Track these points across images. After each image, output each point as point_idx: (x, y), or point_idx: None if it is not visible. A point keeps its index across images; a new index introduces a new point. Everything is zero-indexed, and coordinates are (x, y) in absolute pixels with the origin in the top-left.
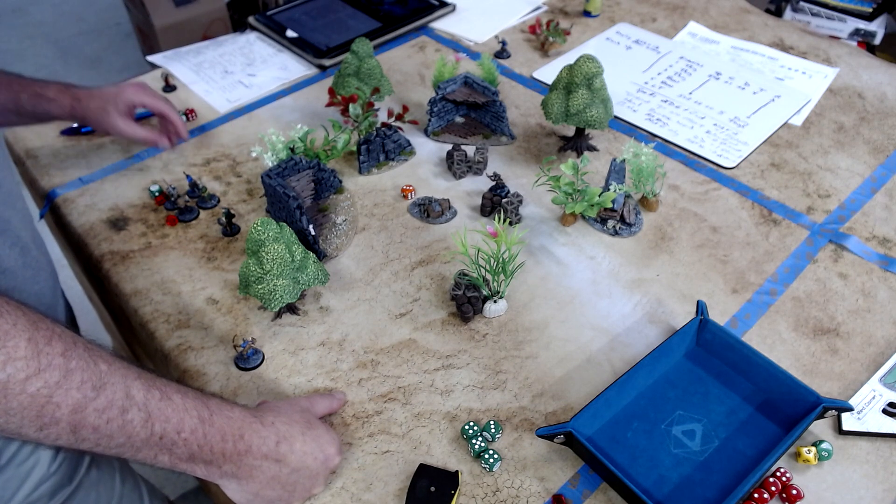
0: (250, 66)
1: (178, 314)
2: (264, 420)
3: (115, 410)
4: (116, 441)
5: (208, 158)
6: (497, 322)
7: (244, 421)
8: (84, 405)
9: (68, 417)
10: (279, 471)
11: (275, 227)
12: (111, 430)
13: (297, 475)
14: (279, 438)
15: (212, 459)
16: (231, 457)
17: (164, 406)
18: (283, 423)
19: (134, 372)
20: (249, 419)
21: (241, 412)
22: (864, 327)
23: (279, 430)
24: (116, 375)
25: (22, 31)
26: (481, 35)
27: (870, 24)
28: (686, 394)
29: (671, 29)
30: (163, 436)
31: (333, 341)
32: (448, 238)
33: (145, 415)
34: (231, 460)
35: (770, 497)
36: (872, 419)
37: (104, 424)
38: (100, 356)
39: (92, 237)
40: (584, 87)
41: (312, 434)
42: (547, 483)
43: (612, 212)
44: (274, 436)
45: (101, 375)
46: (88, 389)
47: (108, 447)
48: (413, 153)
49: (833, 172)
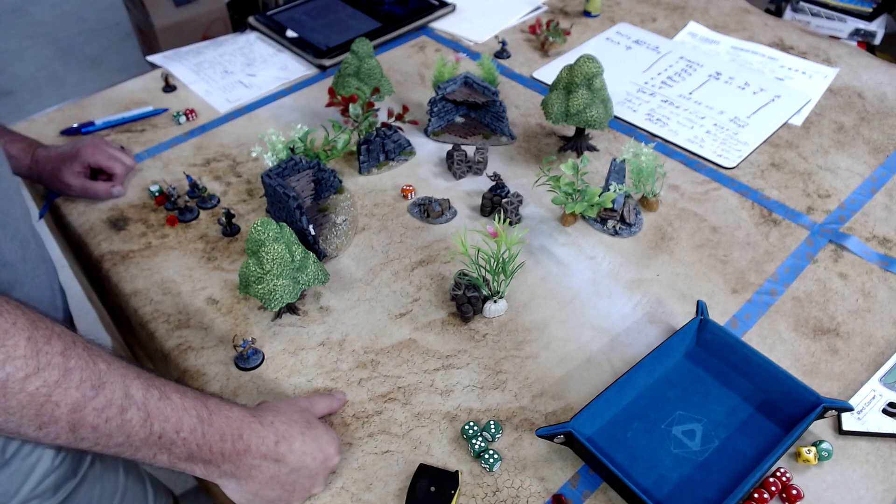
0: (250, 66)
1: (178, 314)
2: (263, 420)
3: (114, 409)
4: (115, 440)
5: (208, 158)
6: (497, 322)
7: (243, 420)
8: (83, 404)
9: (67, 416)
10: (278, 470)
11: (275, 227)
12: (110, 429)
13: (296, 475)
14: (278, 438)
15: (211, 459)
16: (230, 456)
17: (163, 405)
18: (282, 422)
19: (133, 371)
20: (248, 419)
21: (240, 412)
22: (864, 327)
23: (278, 429)
24: (115, 375)
25: (22, 31)
26: (481, 35)
27: (870, 24)
28: (686, 394)
29: (671, 29)
30: (161, 435)
31: (333, 341)
32: (448, 238)
33: (144, 414)
34: (230, 460)
35: (770, 497)
36: (872, 419)
37: (103, 423)
38: (99, 355)
39: (92, 237)
40: (584, 87)
41: (312, 434)
42: (547, 483)
43: (612, 212)
44: (273, 435)
45: (100, 374)
46: (87, 388)
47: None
48: (413, 153)
49: (833, 172)
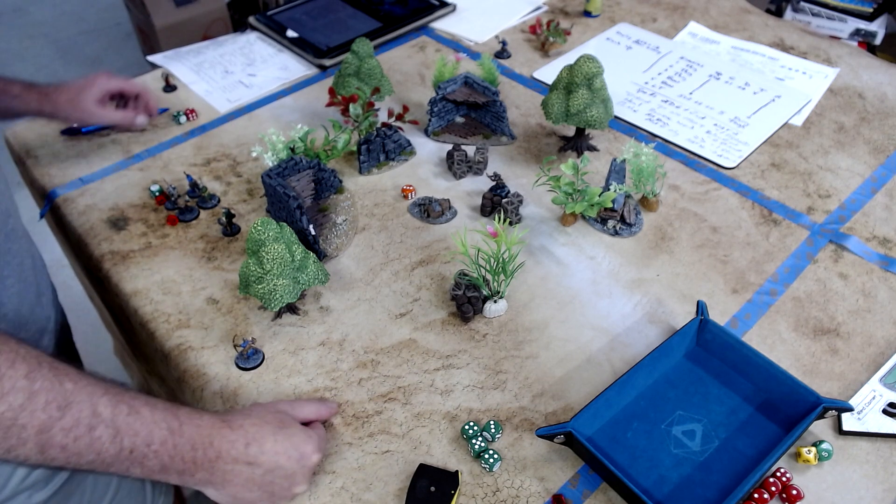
0: (250, 66)
1: (178, 314)
2: (233, 424)
3: (83, 428)
4: (86, 458)
5: (208, 158)
6: (497, 322)
7: (213, 427)
8: (50, 426)
9: (35, 438)
10: (252, 472)
11: (275, 227)
12: (79, 447)
13: (272, 475)
14: (249, 440)
15: (184, 469)
16: (202, 464)
17: (132, 420)
18: (252, 424)
19: (101, 388)
20: (218, 425)
21: (210, 419)
22: (865, 327)
23: (248, 431)
24: (82, 393)
25: (22, 31)
26: (481, 35)
27: (870, 25)
28: (686, 394)
29: (671, 29)
30: (133, 449)
31: (333, 341)
32: (448, 238)
33: (113, 430)
34: (203, 468)
35: (770, 497)
36: (872, 419)
37: (72, 443)
38: (66, 374)
39: (92, 237)
40: (585, 87)
41: (285, 433)
42: (547, 483)
43: (613, 212)
44: (243, 438)
45: (66, 395)
46: (54, 410)
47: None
48: (413, 153)
49: (833, 172)
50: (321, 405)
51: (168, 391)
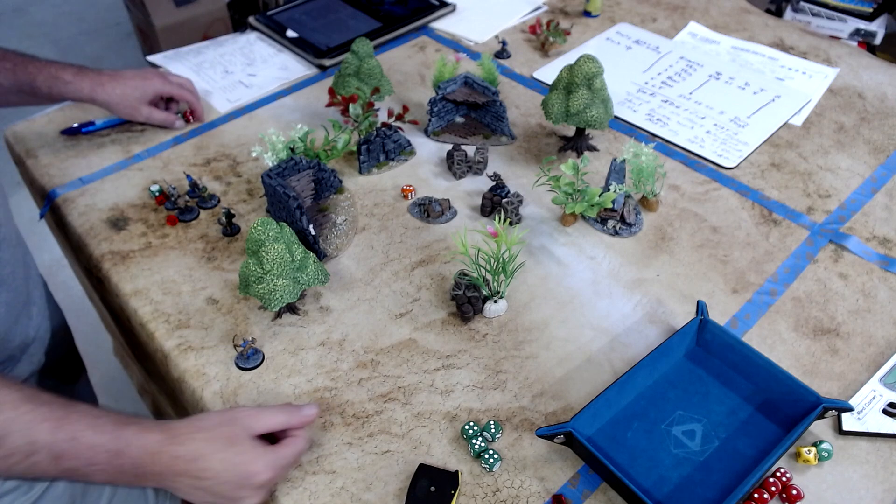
0: (250, 66)
1: (178, 314)
2: (182, 439)
3: (20, 456)
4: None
5: (208, 158)
6: (497, 322)
7: (161, 445)
8: None
9: None
10: (199, 483)
11: (275, 227)
12: (18, 471)
13: (221, 486)
14: (195, 456)
15: (133, 481)
16: (150, 476)
17: (72, 446)
18: (202, 440)
19: (41, 415)
20: (167, 443)
21: (157, 437)
22: (865, 327)
23: (196, 447)
24: (20, 423)
25: (22, 31)
26: (481, 35)
27: (870, 25)
28: (686, 394)
29: (671, 29)
30: (76, 469)
31: (333, 341)
32: (448, 238)
33: (52, 456)
34: (151, 479)
35: (770, 497)
36: (872, 419)
37: (8, 469)
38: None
39: (92, 237)
40: (585, 87)
41: (234, 450)
42: (547, 483)
43: (613, 212)
44: (191, 454)
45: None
46: None
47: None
48: (413, 153)
49: (833, 172)
50: (291, 414)
51: (168, 391)
